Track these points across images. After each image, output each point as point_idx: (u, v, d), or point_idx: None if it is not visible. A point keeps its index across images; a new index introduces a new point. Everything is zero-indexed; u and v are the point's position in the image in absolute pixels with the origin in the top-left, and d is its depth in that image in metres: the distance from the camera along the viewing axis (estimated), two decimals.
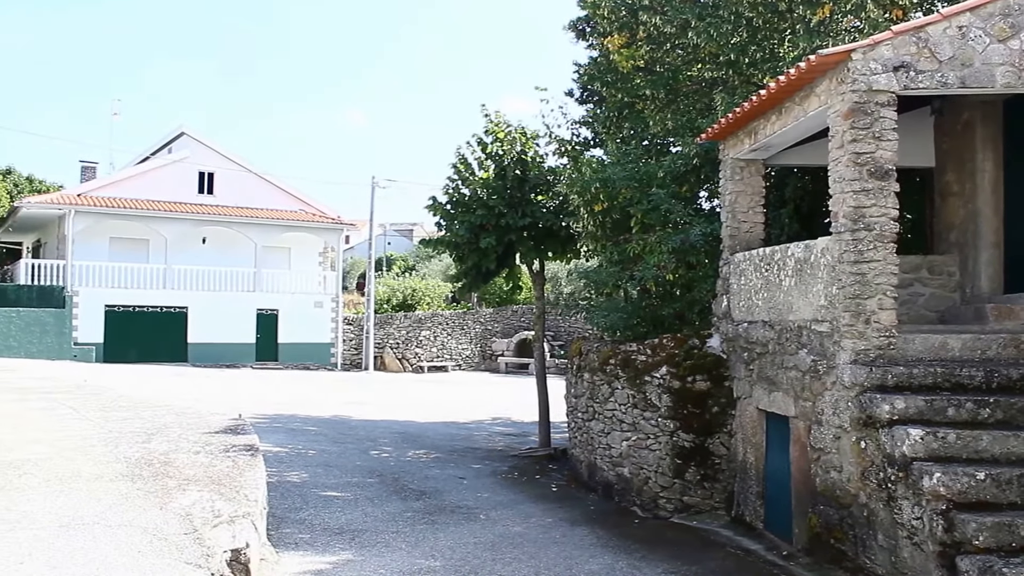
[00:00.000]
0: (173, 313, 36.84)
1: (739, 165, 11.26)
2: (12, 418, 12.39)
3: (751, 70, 13.17)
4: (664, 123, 14.12)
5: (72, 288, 34.75)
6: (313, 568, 8.36)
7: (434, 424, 20.83)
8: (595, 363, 13.23)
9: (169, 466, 9.15)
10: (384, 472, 14.05)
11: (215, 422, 12.58)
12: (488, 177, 16.62)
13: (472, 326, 44.06)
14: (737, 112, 10.40)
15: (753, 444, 10.50)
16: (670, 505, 11.21)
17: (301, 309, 39.85)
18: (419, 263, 61.23)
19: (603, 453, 12.81)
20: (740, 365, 10.85)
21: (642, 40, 14.28)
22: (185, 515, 7.30)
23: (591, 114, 17.36)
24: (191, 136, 39.91)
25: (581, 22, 17.60)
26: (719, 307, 11.65)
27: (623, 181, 13.07)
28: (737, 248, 11.22)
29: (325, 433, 18.13)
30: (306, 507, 11.16)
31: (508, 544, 9.77)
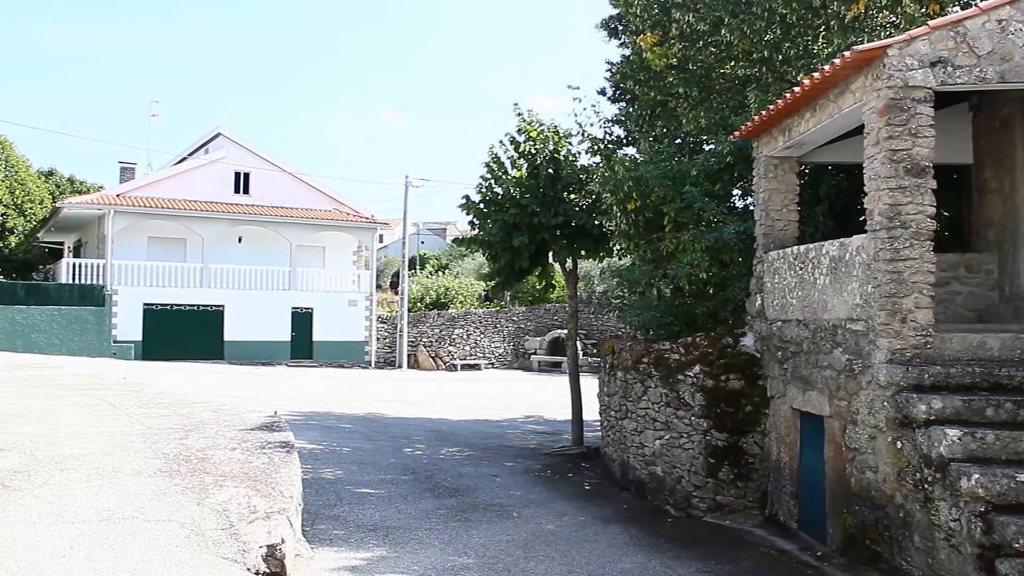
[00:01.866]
0: (210, 311, 37.15)
1: (773, 163, 11.18)
2: (54, 414, 12.56)
3: (785, 67, 13.08)
4: (697, 121, 14.06)
5: (112, 287, 35.14)
6: (347, 564, 8.40)
7: (467, 422, 20.86)
8: (628, 362, 13.20)
9: (206, 462, 9.24)
10: (417, 469, 14.10)
11: (251, 419, 12.68)
12: (521, 176, 16.62)
13: (505, 324, 44.07)
14: (771, 109, 10.33)
15: (787, 443, 10.43)
16: (703, 504, 11.16)
17: (335, 308, 40.05)
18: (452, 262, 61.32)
19: (636, 452, 12.78)
20: (774, 364, 10.78)
21: (675, 38, 14.22)
22: (222, 511, 7.38)
23: (624, 112, 17.31)
24: (227, 136, 40.22)
25: (613, 20, 17.55)
26: (753, 306, 11.58)
27: (656, 179, 13.02)
28: (771, 246, 11.15)
29: (359, 431, 18.21)
30: (340, 504, 11.22)
31: (541, 542, 9.77)
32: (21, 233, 37.23)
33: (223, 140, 40.23)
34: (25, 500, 7.40)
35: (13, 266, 36.46)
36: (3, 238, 36.07)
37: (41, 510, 7.13)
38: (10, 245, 36.38)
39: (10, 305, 32.73)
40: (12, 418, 11.93)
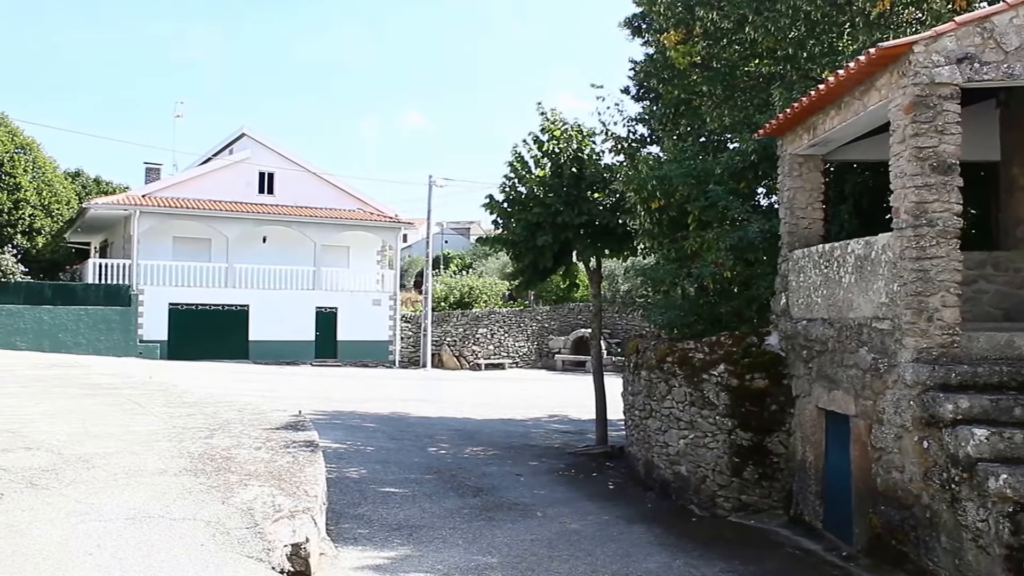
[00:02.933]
0: (235, 311, 37.35)
1: (798, 161, 11.12)
2: (81, 413, 12.68)
3: (809, 65, 13.00)
4: (721, 119, 14.00)
5: (137, 287, 35.39)
6: (371, 563, 8.43)
7: (491, 421, 20.88)
8: (652, 361, 13.17)
9: (231, 461, 9.30)
10: (442, 469, 14.12)
11: (276, 418, 12.75)
12: (545, 175, 16.62)
13: (529, 324, 44.06)
14: (795, 107, 10.27)
15: (812, 443, 10.37)
16: (728, 504, 11.12)
17: (360, 307, 40.16)
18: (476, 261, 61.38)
19: (660, 451, 12.75)
20: (799, 363, 10.72)
21: (699, 36, 14.17)
22: (246, 509, 7.42)
23: (647, 111, 17.27)
24: (251, 137, 40.40)
25: (637, 19, 17.52)
26: (777, 304, 11.53)
27: (680, 178, 12.99)
28: (796, 245, 11.09)
29: (383, 430, 18.26)
30: (364, 503, 11.26)
31: (565, 541, 9.76)
32: (48, 234, 37.59)
33: (247, 140, 40.41)
34: (53, 499, 7.48)
35: (41, 266, 36.82)
36: (31, 239, 36.42)
37: (69, 508, 7.19)
38: (38, 246, 36.74)
39: (38, 305, 33.04)
40: (40, 417, 12.05)
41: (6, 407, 13.00)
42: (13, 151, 37.13)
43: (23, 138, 38.35)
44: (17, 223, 35.92)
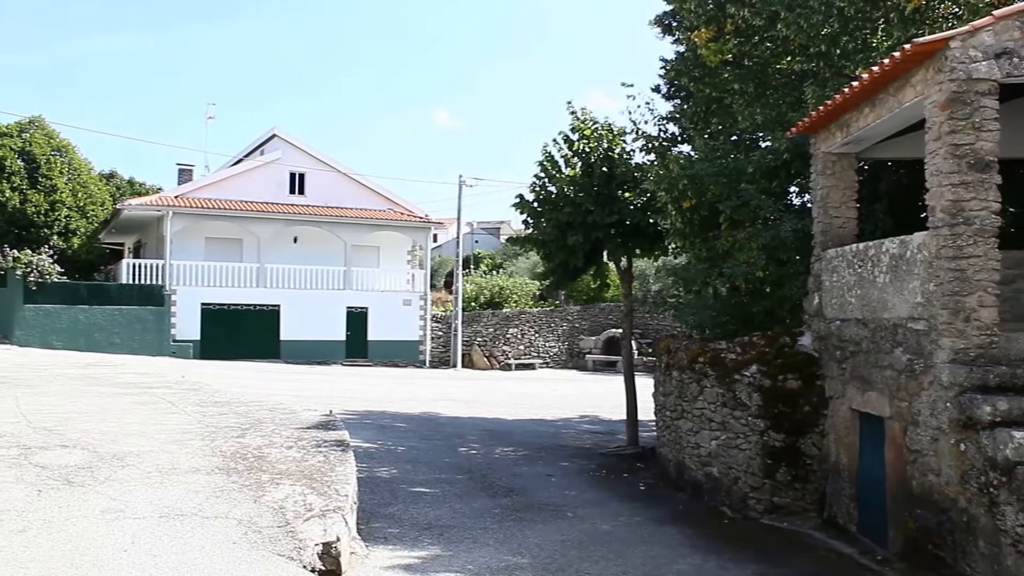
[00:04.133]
0: (266, 311, 37.56)
1: (831, 159, 11.01)
2: (115, 412, 12.81)
3: (843, 61, 12.86)
4: (753, 118, 13.89)
5: (170, 287, 35.65)
6: (402, 563, 8.43)
7: (522, 421, 20.86)
8: (683, 361, 13.10)
9: (263, 460, 9.36)
10: (472, 469, 14.12)
11: (307, 418, 12.81)
12: (575, 174, 16.58)
13: (559, 324, 44.01)
14: (828, 105, 10.17)
15: (846, 445, 10.27)
16: (760, 506, 11.02)
17: (390, 307, 40.27)
18: (506, 261, 61.35)
19: (692, 452, 12.68)
20: (833, 364, 10.62)
21: (730, 33, 14.07)
22: (278, 508, 7.47)
23: (678, 110, 17.17)
24: (282, 137, 40.60)
25: (667, 17, 17.41)
26: (810, 304, 11.42)
27: (711, 177, 12.91)
28: (829, 244, 10.98)
29: (414, 430, 18.29)
30: (395, 502, 11.27)
31: (596, 543, 9.73)
32: (83, 234, 37.98)
33: (278, 141, 40.63)
34: (88, 496, 7.56)
35: (76, 267, 37.21)
36: (67, 239, 36.83)
37: (103, 506, 7.27)
38: (73, 246, 37.13)
39: (73, 305, 33.38)
40: (76, 416, 12.19)
41: (44, 406, 13.16)
42: (50, 153, 37.56)
43: (59, 140, 38.79)
44: (54, 224, 36.34)
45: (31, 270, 32.40)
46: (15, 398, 14.02)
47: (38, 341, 32.14)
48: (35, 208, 35.65)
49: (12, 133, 37.10)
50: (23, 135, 37.32)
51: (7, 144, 36.33)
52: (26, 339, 32.08)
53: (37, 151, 37.00)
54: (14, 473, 8.26)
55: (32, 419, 11.63)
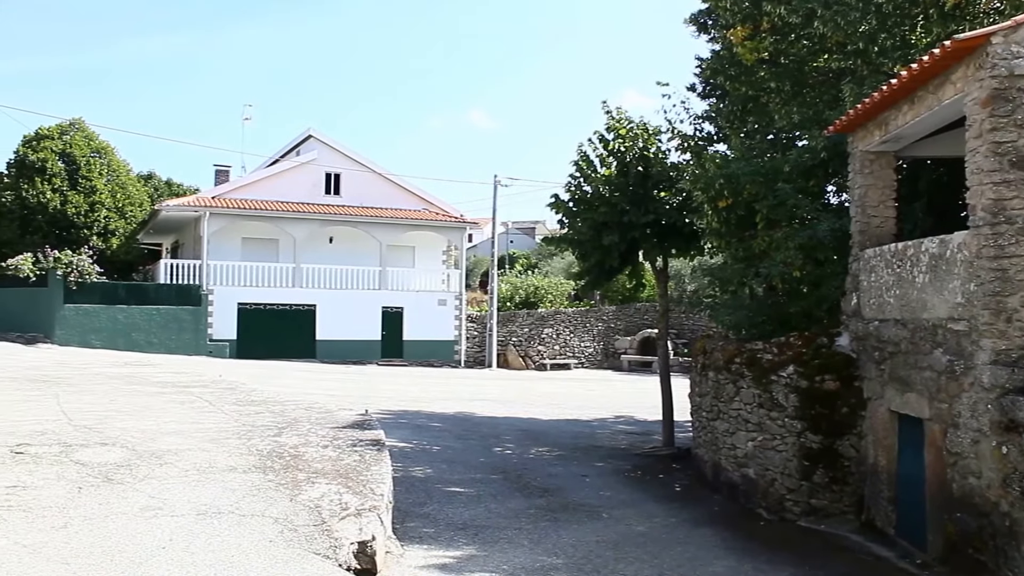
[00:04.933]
0: (302, 311, 37.78)
1: (869, 158, 10.90)
2: (153, 410, 12.94)
3: (881, 59, 12.72)
4: (790, 116, 13.78)
5: (207, 287, 35.97)
6: (437, 562, 8.45)
7: (557, 421, 20.84)
8: (720, 361, 13.02)
9: (299, 459, 9.41)
10: (507, 469, 14.12)
11: (343, 417, 12.87)
12: (610, 174, 16.53)
13: (595, 324, 43.91)
14: (866, 103, 10.07)
15: (884, 447, 10.15)
16: (797, 508, 10.93)
17: (425, 307, 40.37)
18: (541, 261, 61.34)
19: (728, 453, 12.59)
20: (871, 365, 10.51)
21: (766, 31, 13.96)
22: (314, 507, 7.50)
23: (714, 108, 17.08)
24: (318, 138, 40.82)
25: (702, 15, 17.33)
26: (848, 305, 11.31)
27: (748, 176, 12.81)
28: (867, 244, 10.87)
29: (449, 429, 18.32)
30: (430, 502, 11.29)
31: (631, 543, 9.69)
32: (122, 235, 38.41)
33: (314, 142, 40.85)
34: (127, 493, 7.64)
35: (115, 267, 37.63)
36: (106, 240, 37.25)
37: (142, 503, 7.34)
38: (112, 247, 37.55)
39: (112, 305, 33.80)
40: (115, 414, 12.33)
41: (84, 404, 13.32)
42: (89, 155, 38.02)
43: (99, 142, 39.25)
44: (93, 225, 36.78)
45: (71, 270, 32.84)
46: (56, 396, 14.21)
47: (78, 340, 32.58)
48: (75, 209, 36.12)
49: (53, 136, 37.60)
50: (64, 137, 37.82)
51: (48, 146, 36.83)
52: (66, 338, 32.53)
53: (77, 153, 37.48)
54: (55, 470, 8.37)
55: (73, 417, 11.78)
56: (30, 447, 9.38)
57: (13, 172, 36.74)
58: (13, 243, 34.90)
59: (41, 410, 12.50)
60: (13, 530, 6.45)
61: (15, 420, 11.33)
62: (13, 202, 35.55)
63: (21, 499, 7.29)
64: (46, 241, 34.50)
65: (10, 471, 8.26)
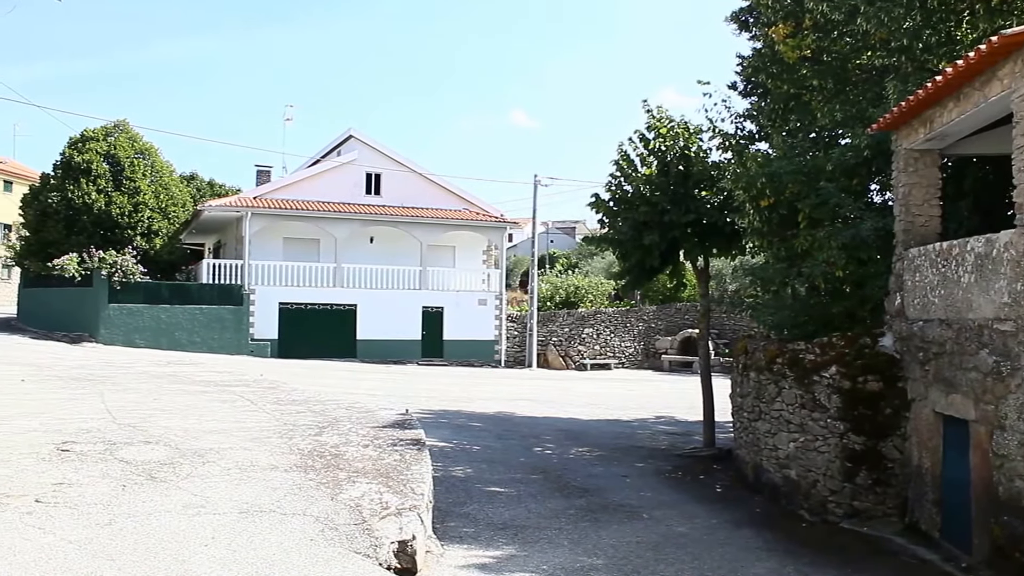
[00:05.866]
0: (343, 311, 37.96)
1: (913, 156, 10.76)
2: (196, 409, 13.08)
3: (925, 55, 12.55)
4: (832, 114, 13.65)
5: (249, 286, 36.24)
6: (477, 562, 8.46)
7: (597, 422, 20.79)
8: (761, 362, 12.92)
9: (339, 458, 9.47)
10: (547, 469, 14.11)
11: (383, 417, 12.93)
12: (651, 173, 16.46)
13: (635, 324, 43.75)
14: (911, 100, 9.94)
15: (929, 448, 10.02)
16: (839, 510, 10.82)
17: (465, 307, 40.41)
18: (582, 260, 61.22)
19: (769, 454, 12.50)
20: (915, 365, 10.37)
21: (808, 28, 13.84)
22: (354, 506, 7.55)
23: (755, 107, 16.95)
24: (358, 138, 40.97)
25: (744, 13, 17.21)
26: (892, 305, 11.17)
27: (790, 175, 12.70)
28: (911, 243, 10.73)
29: (489, 429, 18.34)
30: (470, 502, 11.31)
31: (671, 545, 9.65)
32: (165, 235, 38.78)
33: (355, 142, 41.01)
34: (170, 491, 7.74)
35: (158, 267, 38.00)
36: (149, 240, 37.64)
37: (185, 501, 7.43)
38: (155, 247, 37.93)
39: (155, 304, 34.18)
40: (158, 412, 12.48)
41: (127, 403, 13.50)
42: (133, 156, 38.45)
43: (142, 143, 39.68)
44: (137, 225, 37.17)
45: (115, 270, 33.27)
46: (100, 395, 14.41)
47: (122, 340, 33.01)
48: (119, 210, 36.54)
49: (98, 137, 38.07)
50: (108, 139, 38.28)
51: (93, 148, 37.30)
52: (110, 338, 32.97)
53: (121, 154, 37.92)
54: (100, 468, 8.49)
55: (117, 416, 11.94)
56: (76, 445, 9.52)
57: (59, 174, 37.24)
58: (59, 243, 35.38)
59: (86, 408, 12.69)
60: (60, 526, 6.56)
61: (62, 418, 11.51)
62: (59, 203, 36.05)
63: (67, 496, 7.41)
64: (91, 241, 34.95)
65: (56, 468, 8.40)
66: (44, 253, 35.48)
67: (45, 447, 9.36)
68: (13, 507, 6.99)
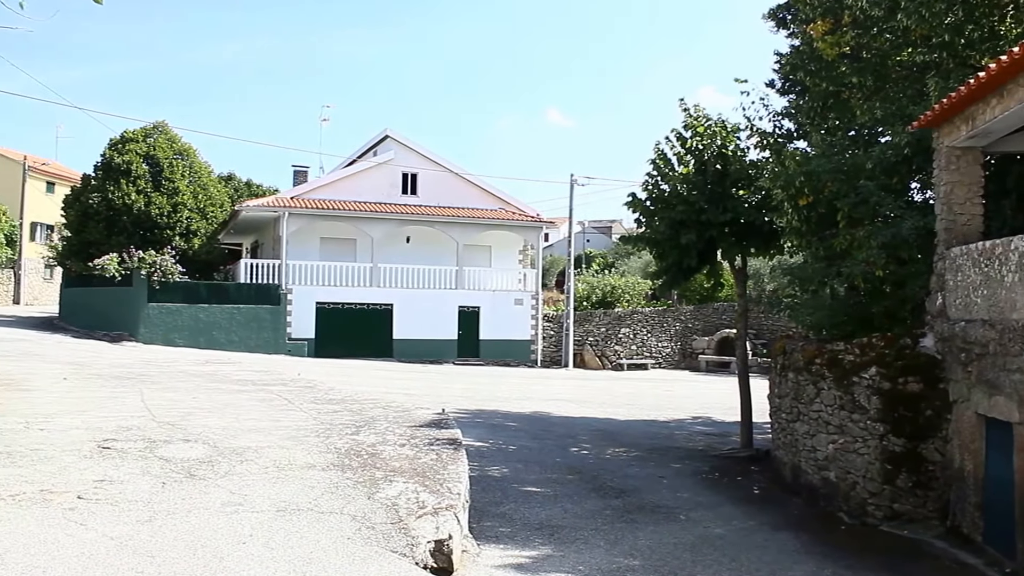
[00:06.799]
0: (379, 310, 38.09)
1: (955, 154, 10.61)
2: (234, 408, 13.18)
3: (968, 51, 12.37)
4: (872, 112, 13.49)
5: (286, 286, 36.48)
6: (513, 562, 8.45)
7: (633, 422, 20.71)
8: (800, 362, 12.81)
9: (376, 457, 9.49)
10: (583, 469, 14.07)
11: (419, 416, 12.96)
12: (688, 172, 16.37)
13: (672, 324, 43.55)
14: (952, 97, 9.81)
15: (971, 451, 9.87)
16: (879, 512, 10.69)
17: (502, 306, 40.41)
18: (618, 260, 61.01)
19: (807, 456, 12.38)
20: (957, 366, 10.23)
21: (847, 25, 13.70)
22: (391, 505, 7.56)
23: (794, 105, 16.80)
24: (394, 138, 41.11)
25: (781, 10, 17.07)
26: (933, 305, 11.02)
27: (829, 174, 12.57)
28: (953, 242, 10.58)
29: (525, 429, 18.33)
30: (506, 501, 11.31)
31: (708, 546, 9.59)
32: (203, 235, 39.11)
33: (391, 142, 41.15)
34: (209, 489, 7.79)
35: (196, 267, 38.34)
36: (188, 240, 37.99)
37: (223, 499, 7.48)
38: (194, 247, 38.27)
39: (194, 304, 34.53)
40: (197, 411, 12.59)
41: (167, 401, 13.63)
42: (172, 157, 38.84)
43: (181, 144, 40.08)
44: (176, 225, 37.54)
45: (155, 270, 33.64)
46: (140, 394, 14.56)
47: (161, 339, 33.37)
48: (158, 210, 36.93)
49: (138, 139, 38.51)
50: (147, 140, 38.71)
51: (133, 149, 37.74)
52: (150, 337, 33.34)
53: (160, 155, 38.33)
54: (140, 465, 8.58)
55: (156, 414, 12.06)
56: (116, 442, 9.63)
57: (100, 175, 37.70)
58: (100, 244, 35.82)
59: (127, 407, 12.83)
60: (101, 523, 6.63)
61: (103, 416, 11.64)
62: (100, 204, 36.50)
63: (108, 493, 7.49)
64: (131, 241, 35.35)
65: (98, 465, 8.49)
66: (85, 253, 35.96)
67: (87, 444, 9.47)
68: (56, 503, 7.08)
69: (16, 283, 51.86)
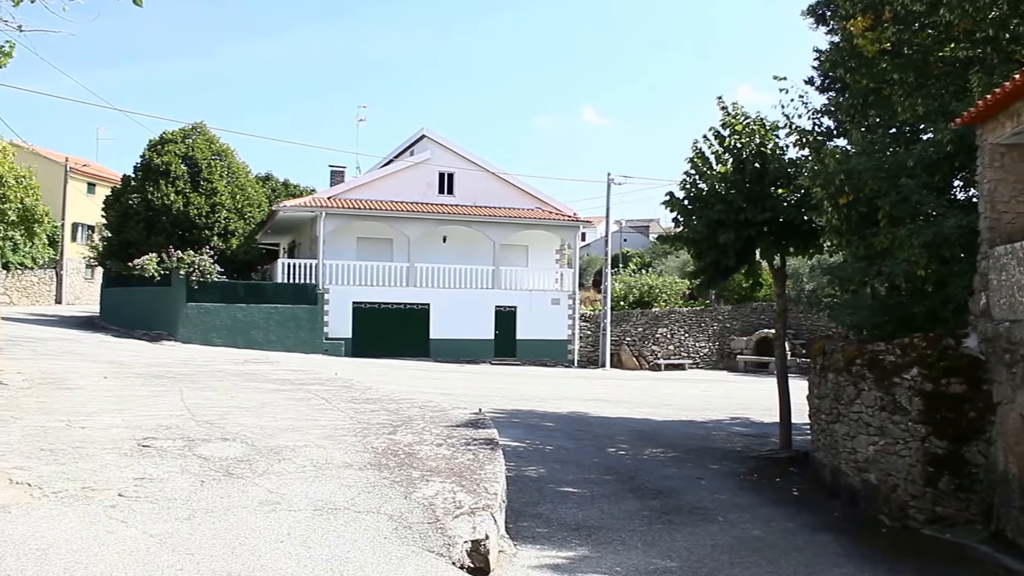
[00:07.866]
0: (416, 310, 38.23)
1: (999, 151, 10.44)
2: (272, 407, 13.28)
3: (1012, 46, 12.17)
4: (914, 108, 13.31)
5: (323, 286, 36.73)
6: (550, 563, 8.42)
7: (671, 423, 20.60)
8: (839, 363, 12.67)
9: (413, 457, 9.52)
10: (621, 470, 14.01)
11: (456, 416, 12.98)
12: (726, 171, 16.25)
13: (710, 323, 43.35)
14: (996, 93, 9.65)
15: (1016, 454, 9.70)
16: (920, 515, 10.54)
17: (538, 306, 40.41)
18: (655, 259, 60.81)
19: (847, 457, 12.24)
20: (1001, 368, 10.05)
21: (888, 21, 13.52)
22: (428, 505, 7.58)
23: (833, 102, 16.61)
24: (431, 138, 41.25)
25: (820, 6, 16.89)
26: (976, 305, 10.85)
27: (870, 172, 12.42)
28: (997, 241, 10.41)
29: (562, 429, 18.28)
30: (543, 502, 11.27)
31: (747, 548, 9.50)
32: (241, 235, 39.46)
33: (427, 142, 41.29)
34: (247, 488, 7.86)
35: (234, 267, 38.69)
36: (226, 240, 38.34)
37: (261, 497, 7.53)
38: (232, 247, 38.61)
39: (232, 304, 34.87)
40: (235, 410, 12.69)
41: (205, 400, 13.75)
42: (210, 158, 39.24)
43: (219, 145, 40.47)
44: (214, 226, 37.91)
45: (193, 270, 34.02)
46: (179, 393, 14.71)
47: (199, 338, 33.71)
48: (197, 210, 37.31)
49: (177, 140, 38.95)
50: (186, 141, 39.14)
51: (172, 150, 38.16)
52: (188, 336, 33.69)
53: (199, 156, 38.74)
54: (179, 464, 8.66)
55: (195, 413, 12.17)
56: (156, 441, 9.73)
57: (139, 176, 38.17)
58: (139, 244, 36.27)
59: (166, 405, 12.96)
60: (141, 520, 6.70)
61: (142, 415, 11.77)
62: (139, 204, 36.95)
63: (148, 490, 7.57)
64: (170, 242, 35.76)
65: (138, 463, 8.59)
66: (125, 253, 36.42)
67: (127, 443, 9.58)
68: (97, 500, 7.17)
69: (58, 283, 52.59)
